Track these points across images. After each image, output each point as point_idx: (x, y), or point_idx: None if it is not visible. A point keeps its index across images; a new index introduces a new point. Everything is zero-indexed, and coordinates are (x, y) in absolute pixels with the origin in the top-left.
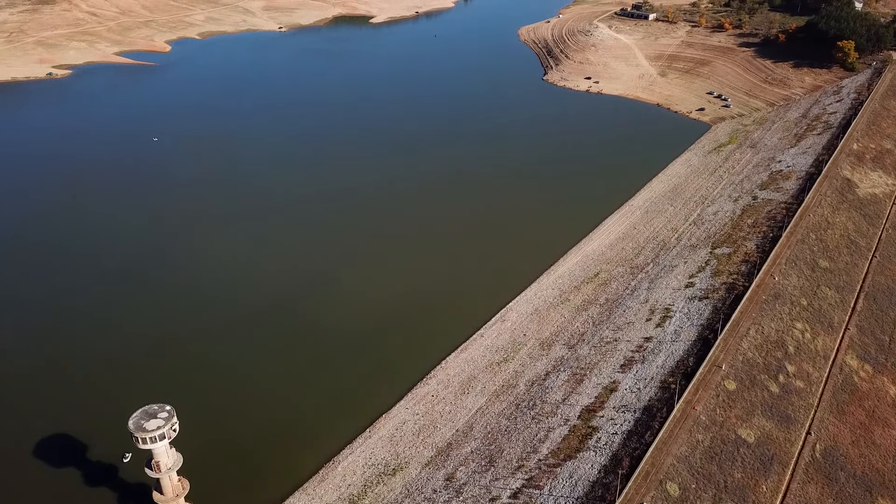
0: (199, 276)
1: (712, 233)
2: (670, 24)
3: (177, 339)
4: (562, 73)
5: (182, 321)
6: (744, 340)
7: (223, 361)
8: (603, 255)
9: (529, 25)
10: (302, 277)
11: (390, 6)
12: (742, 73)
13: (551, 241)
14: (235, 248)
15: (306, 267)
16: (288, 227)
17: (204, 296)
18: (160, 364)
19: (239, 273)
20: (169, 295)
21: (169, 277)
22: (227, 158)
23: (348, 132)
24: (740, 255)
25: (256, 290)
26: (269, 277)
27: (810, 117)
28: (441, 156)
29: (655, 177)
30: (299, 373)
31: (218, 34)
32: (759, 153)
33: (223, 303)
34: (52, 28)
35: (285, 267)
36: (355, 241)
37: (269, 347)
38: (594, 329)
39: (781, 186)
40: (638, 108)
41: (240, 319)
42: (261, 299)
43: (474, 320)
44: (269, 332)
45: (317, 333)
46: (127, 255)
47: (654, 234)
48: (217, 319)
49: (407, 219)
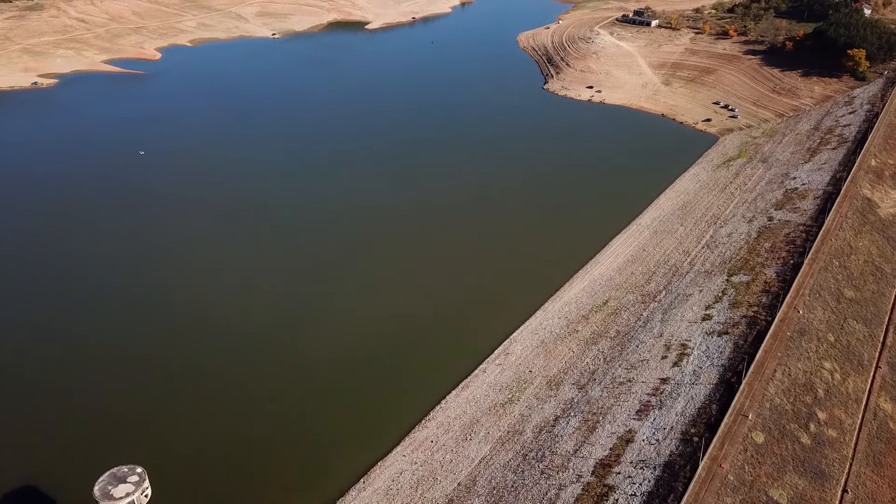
0: (183, 300)
1: (727, 257)
2: (673, 31)
3: (153, 378)
4: (563, 81)
5: (161, 355)
6: (770, 384)
7: (204, 405)
8: (611, 281)
9: (528, 31)
10: (290, 304)
11: (386, 12)
12: (749, 81)
13: (556, 262)
14: (221, 272)
15: (294, 292)
16: (276, 248)
17: (186, 323)
18: (132, 409)
19: (224, 300)
20: (147, 322)
21: (148, 303)
22: (216, 173)
23: (342, 144)
24: (760, 284)
25: (242, 318)
26: (256, 304)
27: (823, 130)
28: (438, 171)
29: (663, 193)
30: (285, 414)
31: (210, 41)
32: (772, 168)
33: (206, 333)
34: (39, 35)
35: (272, 293)
36: (346, 263)
37: (253, 386)
38: (606, 366)
39: (798, 206)
40: (642, 118)
41: (224, 352)
42: (247, 328)
43: (476, 353)
44: (252, 368)
45: (304, 369)
46: (106, 279)
47: (665, 258)
48: (199, 353)
49: (400, 239)
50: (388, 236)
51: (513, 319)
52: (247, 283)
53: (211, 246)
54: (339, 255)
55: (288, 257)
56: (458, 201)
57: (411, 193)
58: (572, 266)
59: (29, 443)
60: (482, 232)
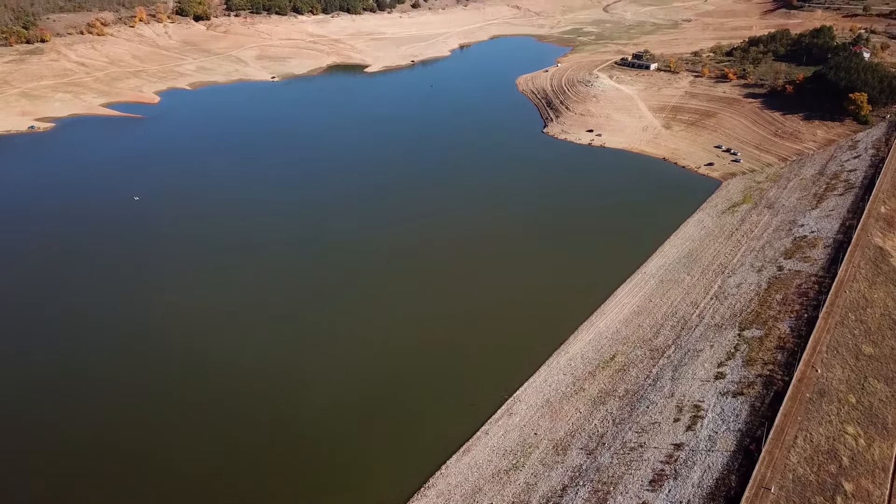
0: (177, 344)
1: (738, 310)
2: (672, 75)
3: (145, 418)
4: (562, 125)
5: (155, 399)
6: (791, 452)
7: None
8: (618, 334)
9: (527, 75)
10: (283, 352)
11: (385, 55)
12: (750, 125)
13: (559, 313)
14: (215, 316)
15: (288, 339)
16: (270, 293)
17: (172, 381)
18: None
19: (217, 346)
20: (129, 383)
21: (141, 344)
22: (211, 220)
23: (342, 187)
24: (774, 340)
25: (231, 369)
26: (247, 354)
27: (828, 175)
28: (436, 217)
29: (668, 240)
30: (271, 477)
31: (209, 84)
32: (778, 215)
33: (196, 378)
34: (38, 79)
35: (266, 341)
36: (342, 312)
37: (242, 438)
38: (615, 429)
39: (808, 255)
40: (643, 162)
41: (215, 400)
42: (238, 379)
43: (477, 412)
44: (243, 419)
45: (294, 427)
46: (94, 331)
47: (673, 310)
48: (188, 397)
49: (398, 289)
50: (385, 285)
51: (516, 375)
52: (239, 329)
53: (205, 290)
54: (336, 304)
55: (282, 303)
56: (456, 249)
57: (408, 240)
58: (577, 317)
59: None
60: (482, 280)
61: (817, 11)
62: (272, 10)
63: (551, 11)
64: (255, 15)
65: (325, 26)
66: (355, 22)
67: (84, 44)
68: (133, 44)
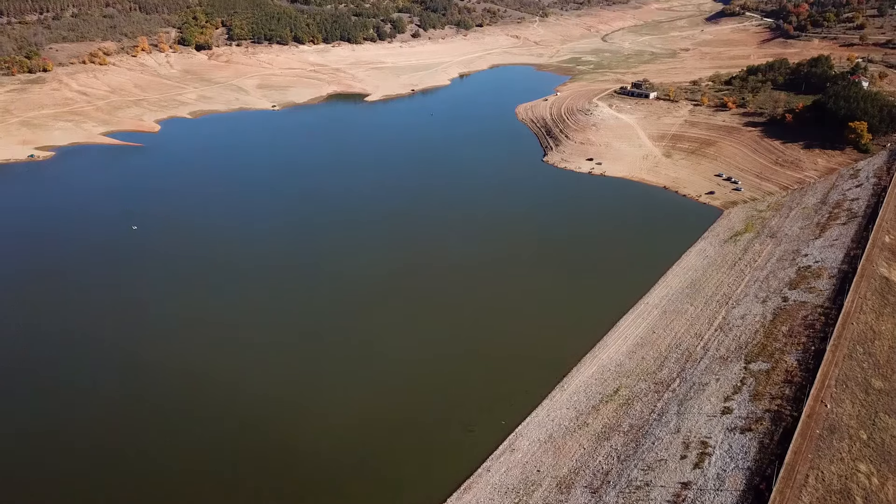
0: (170, 386)
1: (743, 342)
2: (672, 103)
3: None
4: (562, 153)
5: (137, 458)
6: (803, 492)
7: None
8: (621, 367)
9: (527, 103)
10: (281, 385)
11: (385, 84)
12: (750, 153)
13: (561, 344)
14: (206, 361)
15: (286, 372)
16: (266, 327)
17: (171, 411)
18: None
19: (212, 379)
20: (122, 424)
21: (131, 393)
22: (209, 250)
23: (342, 215)
24: (781, 373)
25: (227, 403)
26: (244, 388)
27: (830, 204)
28: (436, 245)
29: (670, 269)
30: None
31: (209, 113)
32: (781, 244)
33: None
34: (39, 108)
35: (262, 376)
36: (341, 344)
37: (234, 476)
38: (620, 466)
39: (813, 286)
40: (644, 191)
41: (208, 435)
42: (234, 412)
43: (478, 447)
44: (236, 455)
45: (291, 459)
46: (88, 363)
47: (677, 341)
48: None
49: (397, 319)
50: (383, 315)
51: (518, 409)
52: (236, 359)
53: (205, 318)
54: (331, 335)
55: (278, 333)
56: (455, 278)
57: (407, 269)
58: (579, 348)
59: None
60: (482, 310)
61: (814, 41)
62: (273, 39)
63: (550, 41)
64: (257, 45)
65: (325, 56)
66: (356, 51)
67: (86, 73)
68: (135, 73)
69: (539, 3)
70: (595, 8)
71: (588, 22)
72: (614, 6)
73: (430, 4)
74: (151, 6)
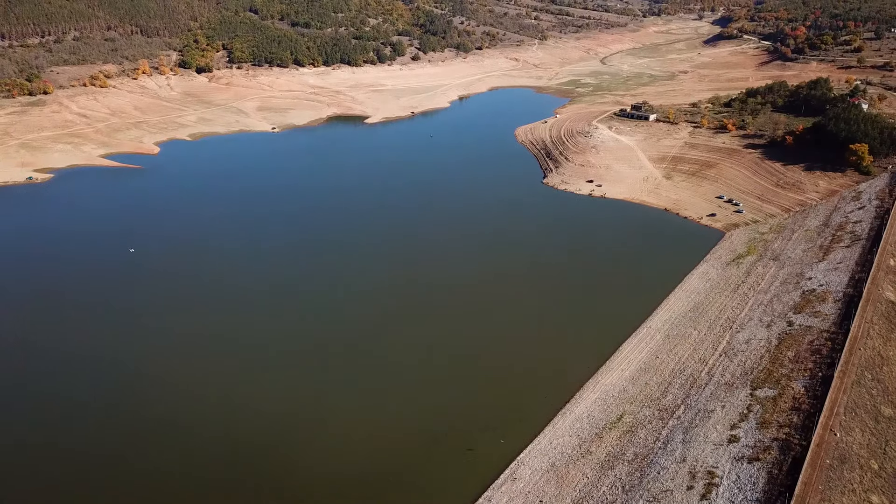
0: (165, 415)
1: (748, 367)
2: (671, 125)
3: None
4: (562, 175)
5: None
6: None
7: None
8: (625, 392)
9: (526, 126)
10: (280, 417)
11: (385, 106)
12: (751, 175)
13: (563, 369)
14: (206, 383)
15: (285, 405)
16: (262, 359)
17: (167, 440)
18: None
19: (206, 410)
20: (124, 444)
21: (131, 416)
22: (206, 274)
23: (335, 243)
24: (788, 401)
25: (223, 435)
26: (242, 419)
27: (833, 226)
28: (435, 269)
29: (672, 292)
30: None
31: (209, 135)
32: (785, 267)
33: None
34: (39, 130)
35: (257, 409)
36: (340, 374)
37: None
38: (625, 497)
39: (819, 310)
40: (645, 213)
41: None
42: (231, 440)
43: (479, 477)
44: (237, 485)
45: (290, 491)
46: (84, 387)
47: (681, 367)
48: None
49: (396, 345)
50: (381, 343)
51: (519, 436)
52: (228, 389)
53: (196, 349)
54: (333, 366)
55: (278, 364)
56: (456, 302)
57: (406, 292)
58: (581, 373)
59: None
60: (483, 334)
61: (812, 63)
62: (274, 62)
63: (549, 63)
64: (257, 67)
65: (325, 78)
66: (355, 74)
67: (86, 95)
68: (135, 95)
69: (538, 27)
70: (593, 31)
71: (587, 45)
72: (612, 29)
73: (430, 27)
74: (153, 30)
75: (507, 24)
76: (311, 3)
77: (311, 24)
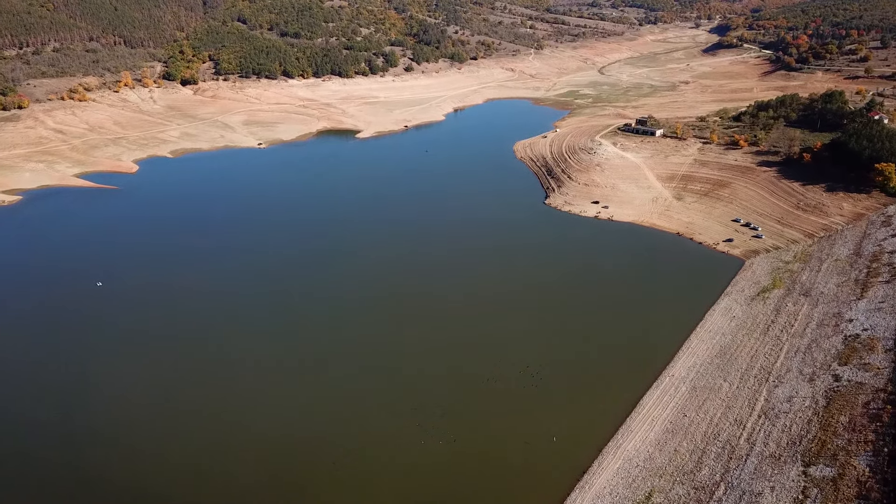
0: (130, 468)
1: (795, 434)
2: (679, 141)
3: None
4: (565, 196)
5: None
6: None
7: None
8: (651, 462)
9: (525, 140)
10: (249, 476)
11: (378, 119)
12: (768, 196)
13: (577, 428)
14: (174, 427)
15: (255, 450)
16: (238, 407)
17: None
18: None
19: (174, 469)
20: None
21: (94, 462)
22: (179, 312)
23: (340, 255)
24: (852, 484)
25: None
26: (216, 470)
27: (867, 256)
28: (430, 307)
29: (694, 332)
30: None
31: (192, 151)
32: (819, 305)
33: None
34: (11, 147)
35: (234, 461)
36: (330, 412)
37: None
38: None
39: (868, 362)
40: (656, 237)
41: None
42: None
43: None
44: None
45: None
46: (43, 429)
47: (714, 429)
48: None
49: (394, 398)
50: (370, 406)
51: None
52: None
53: (161, 393)
54: (325, 400)
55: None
56: (452, 349)
57: (401, 330)
58: (598, 435)
59: None
60: (482, 383)
61: (817, 73)
62: (262, 73)
63: (546, 74)
64: (245, 79)
65: (315, 90)
66: (347, 86)
67: (64, 110)
68: (116, 109)
69: (533, 35)
70: (590, 40)
71: (584, 54)
72: (609, 38)
73: (424, 37)
74: (137, 40)
75: (502, 33)
76: (301, 13)
77: (300, 34)
